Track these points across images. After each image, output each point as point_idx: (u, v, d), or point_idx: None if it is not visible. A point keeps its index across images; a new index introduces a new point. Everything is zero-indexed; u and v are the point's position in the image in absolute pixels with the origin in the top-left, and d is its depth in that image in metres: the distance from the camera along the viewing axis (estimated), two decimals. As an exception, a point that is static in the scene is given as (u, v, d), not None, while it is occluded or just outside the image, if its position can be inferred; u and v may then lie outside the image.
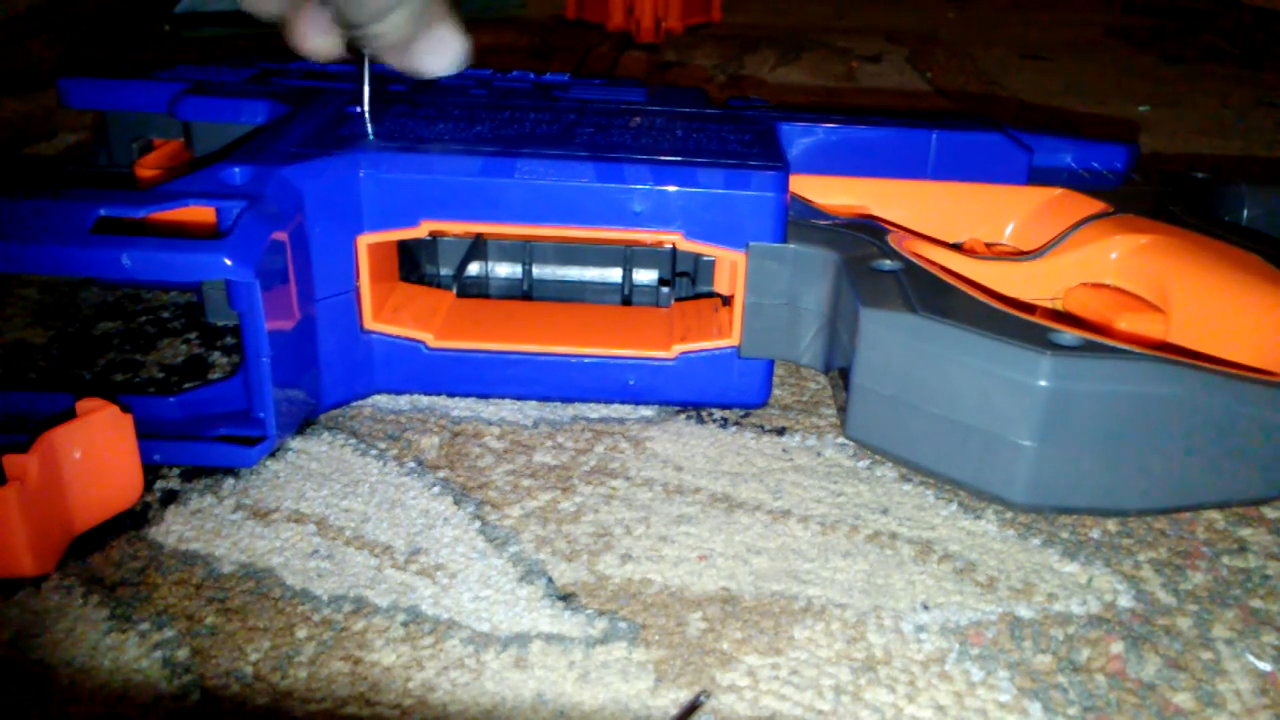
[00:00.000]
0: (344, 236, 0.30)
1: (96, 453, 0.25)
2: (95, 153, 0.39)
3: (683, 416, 0.32)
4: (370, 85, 0.32)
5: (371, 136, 0.31)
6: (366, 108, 0.32)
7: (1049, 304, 0.34)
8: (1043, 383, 0.24)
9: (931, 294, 0.27)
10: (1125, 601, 0.25)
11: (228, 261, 0.25)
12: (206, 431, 0.28)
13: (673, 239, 0.30)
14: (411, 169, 0.29)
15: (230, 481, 0.28)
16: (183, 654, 0.22)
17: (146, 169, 0.35)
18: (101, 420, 0.25)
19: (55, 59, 0.71)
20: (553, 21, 0.92)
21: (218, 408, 0.29)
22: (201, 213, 0.28)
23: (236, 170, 0.28)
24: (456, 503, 0.28)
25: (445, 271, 0.36)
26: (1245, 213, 0.36)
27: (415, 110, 0.33)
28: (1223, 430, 0.25)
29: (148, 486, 0.27)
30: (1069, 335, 0.25)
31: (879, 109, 0.40)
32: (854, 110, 0.38)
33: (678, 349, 0.31)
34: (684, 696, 0.22)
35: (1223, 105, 0.73)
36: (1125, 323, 0.31)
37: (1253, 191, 0.36)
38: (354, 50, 0.29)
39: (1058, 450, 0.25)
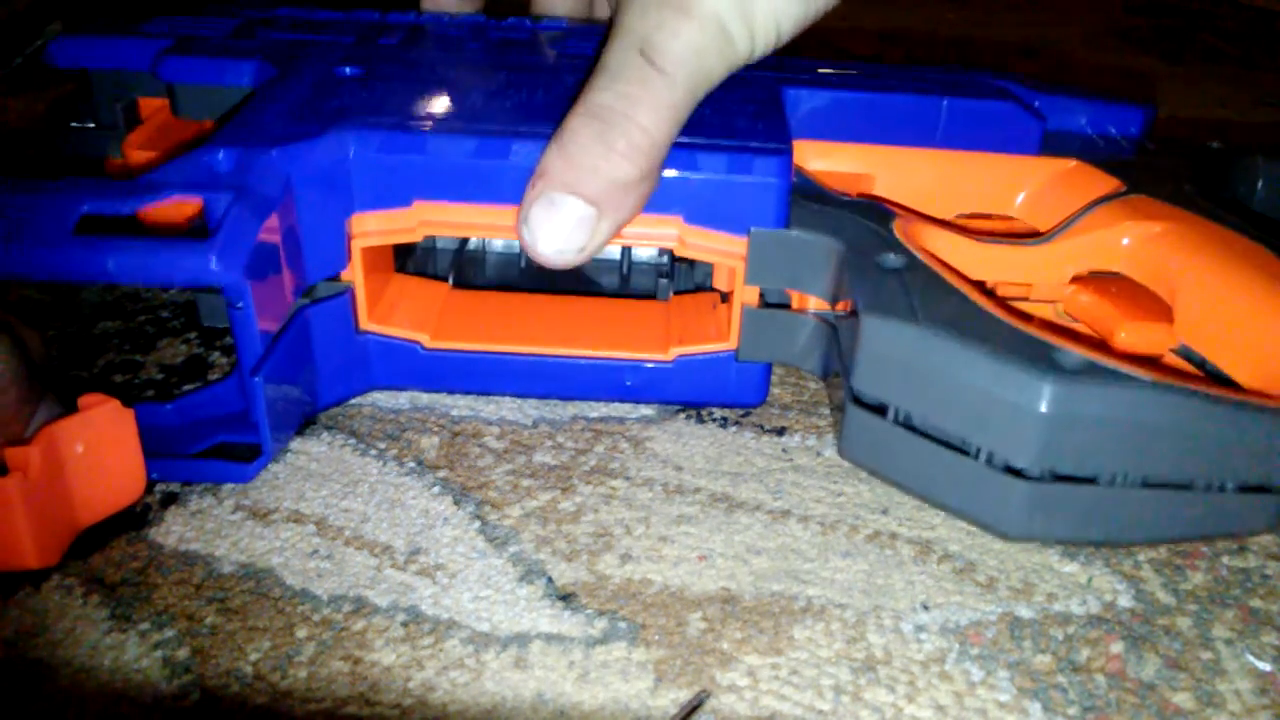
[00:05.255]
0: (334, 217, 0.29)
1: (98, 447, 0.25)
2: (80, 113, 0.38)
3: (683, 416, 0.32)
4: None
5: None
6: None
7: (1050, 310, 0.33)
8: (1043, 409, 0.23)
9: (936, 299, 0.27)
10: (1125, 601, 0.25)
11: (215, 265, 0.25)
12: (205, 437, 0.28)
13: (673, 223, 0.30)
14: (403, 149, 0.29)
15: (230, 481, 0.28)
16: (183, 654, 0.22)
17: (134, 148, 0.35)
18: (103, 415, 0.25)
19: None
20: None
21: (215, 411, 0.29)
22: (189, 201, 0.28)
23: (221, 155, 0.27)
24: (456, 503, 0.28)
25: (442, 245, 0.35)
26: (1260, 183, 0.36)
27: (406, 74, 0.33)
28: (1226, 460, 0.24)
29: (148, 488, 0.27)
30: (1073, 356, 0.24)
31: (888, 63, 0.39)
32: (863, 62, 0.37)
33: (675, 351, 0.31)
34: (684, 696, 0.22)
35: (1222, 105, 0.73)
36: (1127, 332, 0.30)
37: (1268, 164, 0.35)
38: None
39: (1055, 479, 0.24)
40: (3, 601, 0.24)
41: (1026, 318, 0.28)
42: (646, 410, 0.32)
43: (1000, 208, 0.36)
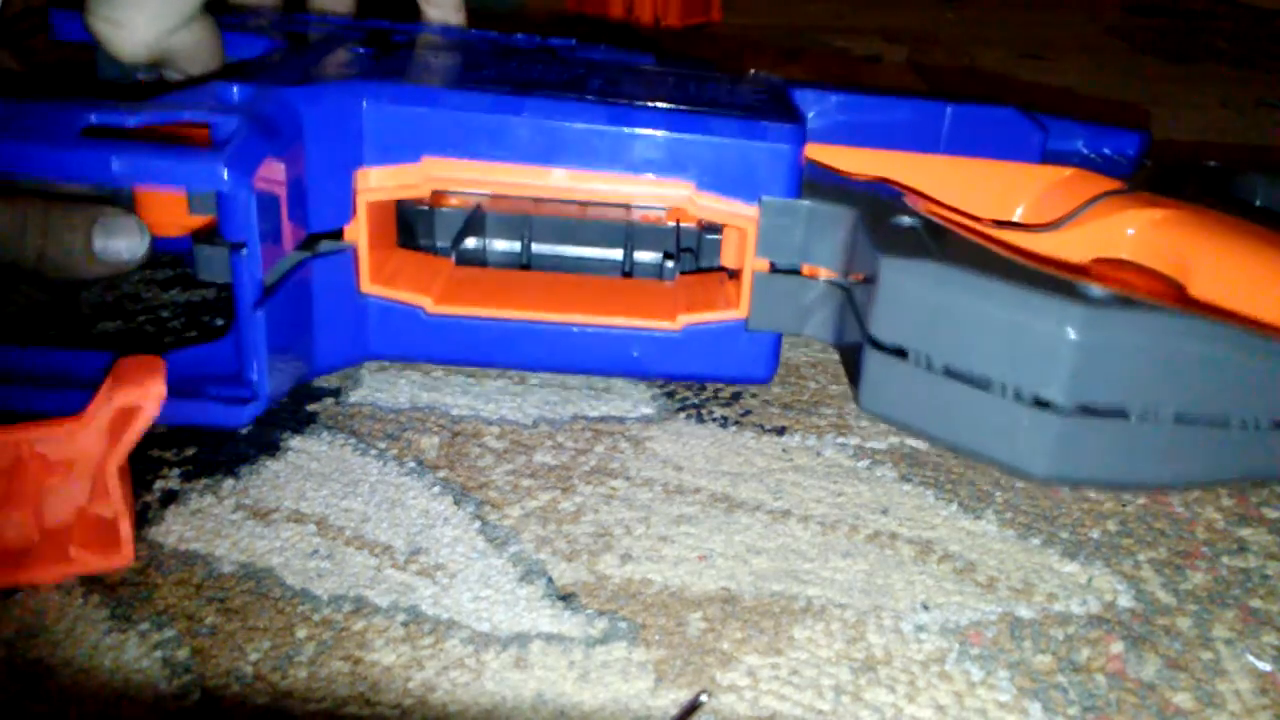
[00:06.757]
0: (342, 167, 0.29)
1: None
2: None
3: (683, 416, 0.32)
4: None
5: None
6: None
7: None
8: (1073, 334, 0.23)
9: (953, 246, 0.26)
10: (1125, 601, 0.25)
11: (224, 170, 0.25)
12: (195, 392, 0.28)
13: (684, 187, 0.29)
14: (415, 101, 0.29)
15: (230, 482, 0.28)
16: (183, 654, 0.22)
17: None
18: (155, 396, 0.25)
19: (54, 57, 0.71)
20: (552, 17, 0.92)
21: (208, 369, 0.28)
22: (195, 132, 0.27)
23: (234, 88, 0.27)
24: (456, 503, 0.28)
25: (442, 244, 0.36)
26: (1258, 201, 0.36)
27: (419, 56, 0.33)
28: (1260, 394, 0.24)
29: (147, 486, 0.27)
30: (1099, 289, 0.23)
31: (892, 88, 0.40)
32: (867, 87, 0.38)
33: (683, 320, 0.31)
34: (684, 696, 0.22)
35: (1222, 105, 0.73)
36: (1147, 289, 0.30)
37: (1267, 180, 0.36)
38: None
39: (1085, 413, 0.23)
40: (3, 601, 0.24)
41: (1052, 265, 0.27)
42: (646, 410, 0.32)
43: (1002, 213, 0.36)
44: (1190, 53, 0.91)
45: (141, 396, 0.24)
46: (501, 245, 0.36)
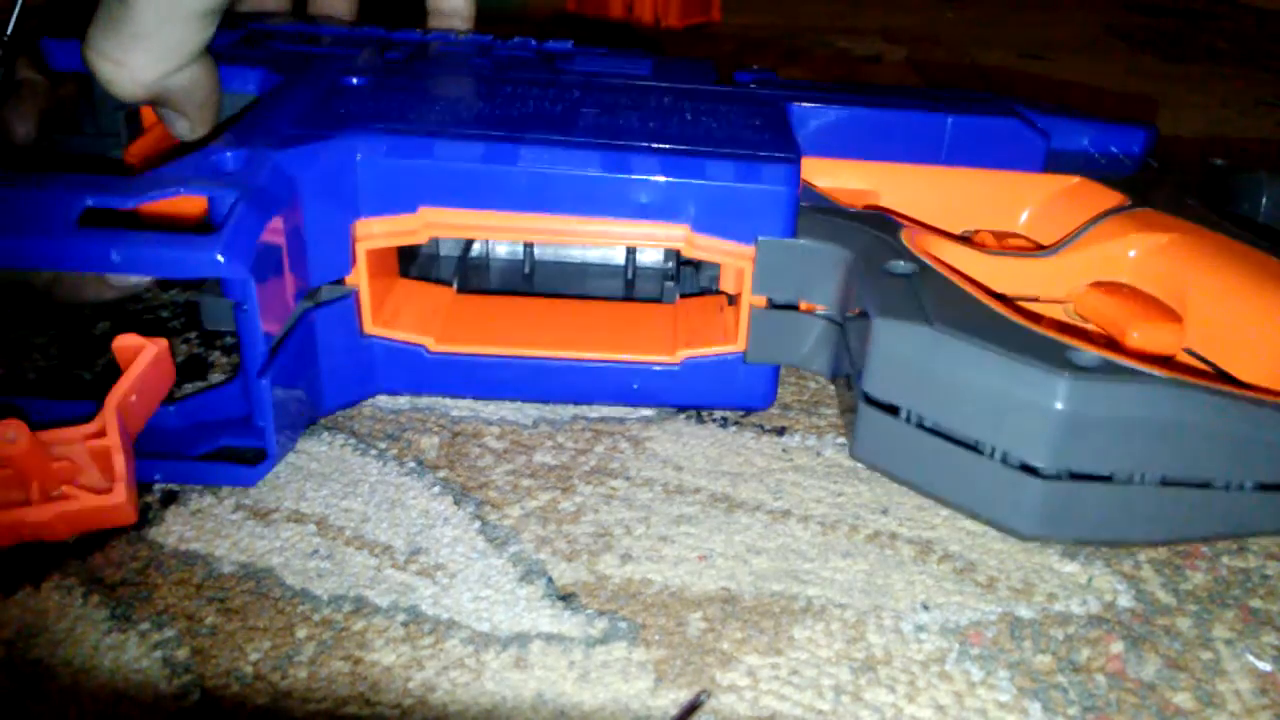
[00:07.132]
0: (339, 221, 0.29)
1: (146, 392, 0.26)
2: (80, 119, 0.37)
3: (683, 416, 0.32)
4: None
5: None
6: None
7: (1060, 311, 0.33)
8: (1059, 405, 0.23)
9: (947, 302, 0.26)
10: (1125, 601, 0.25)
11: (221, 259, 0.25)
12: (208, 441, 0.28)
13: (680, 231, 0.30)
14: (410, 154, 0.29)
15: (230, 481, 0.28)
16: (183, 654, 0.22)
17: (137, 159, 0.35)
18: (153, 363, 0.25)
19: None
20: (553, 17, 0.92)
21: (218, 414, 0.29)
22: (193, 200, 0.27)
23: (229, 155, 0.27)
24: (456, 503, 0.28)
25: (445, 252, 0.35)
26: (1264, 200, 0.36)
27: (413, 85, 0.33)
28: (1244, 458, 0.24)
29: (148, 487, 0.27)
30: (1088, 355, 0.24)
31: (892, 87, 0.40)
32: (866, 88, 0.38)
33: (683, 354, 0.31)
34: (684, 696, 0.22)
35: (1222, 105, 0.73)
36: (1139, 332, 0.30)
37: (1272, 180, 0.36)
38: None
39: (1071, 478, 0.24)
40: (3, 601, 0.24)
41: (1037, 319, 0.27)
42: (646, 410, 0.32)
43: (1005, 224, 0.36)
44: (1190, 53, 0.91)
45: (146, 340, 0.25)
46: (504, 250, 0.36)
